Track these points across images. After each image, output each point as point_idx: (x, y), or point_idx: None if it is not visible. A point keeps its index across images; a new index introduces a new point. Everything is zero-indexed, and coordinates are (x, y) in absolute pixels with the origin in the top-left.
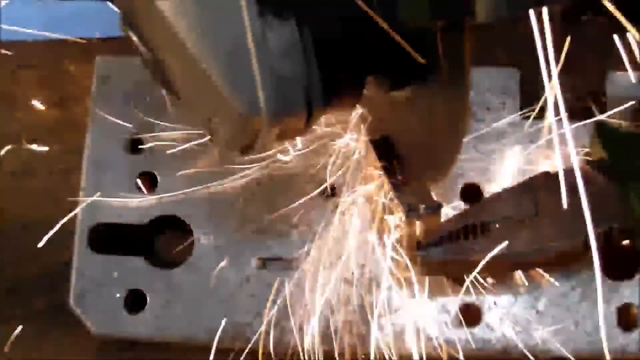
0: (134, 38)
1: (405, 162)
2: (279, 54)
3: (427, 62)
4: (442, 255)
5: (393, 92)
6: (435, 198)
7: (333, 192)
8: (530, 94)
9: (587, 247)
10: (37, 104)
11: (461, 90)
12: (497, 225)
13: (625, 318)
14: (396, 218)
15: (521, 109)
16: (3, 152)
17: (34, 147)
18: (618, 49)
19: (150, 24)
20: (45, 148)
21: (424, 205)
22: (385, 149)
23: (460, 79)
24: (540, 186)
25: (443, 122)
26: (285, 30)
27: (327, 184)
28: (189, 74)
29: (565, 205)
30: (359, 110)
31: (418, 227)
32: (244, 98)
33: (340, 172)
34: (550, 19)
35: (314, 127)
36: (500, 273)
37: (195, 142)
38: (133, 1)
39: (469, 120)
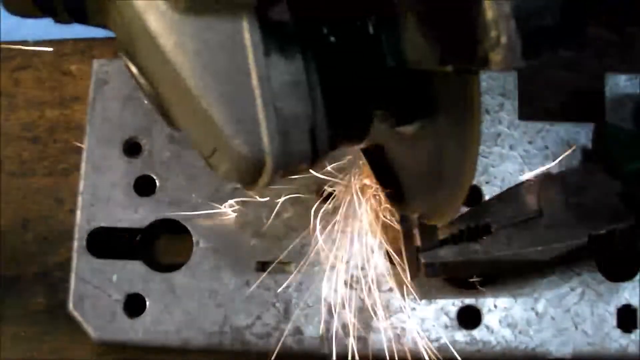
0: (132, 68)
1: (409, 201)
2: (284, 94)
3: (433, 99)
4: (444, 257)
5: (399, 127)
6: None
7: (333, 195)
8: (528, 95)
9: (590, 247)
10: (37, 104)
11: (470, 132)
12: (499, 227)
13: (625, 319)
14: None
15: (520, 111)
16: (3, 152)
17: (34, 147)
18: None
19: (149, 57)
20: (46, 147)
21: (417, 215)
22: (377, 158)
23: (469, 121)
24: (542, 187)
25: (449, 163)
26: (291, 68)
27: (326, 187)
28: (189, 111)
29: (567, 206)
30: None
31: (415, 233)
32: (246, 139)
33: (340, 174)
34: None
35: None
36: (502, 274)
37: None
38: (131, 32)
39: (476, 164)
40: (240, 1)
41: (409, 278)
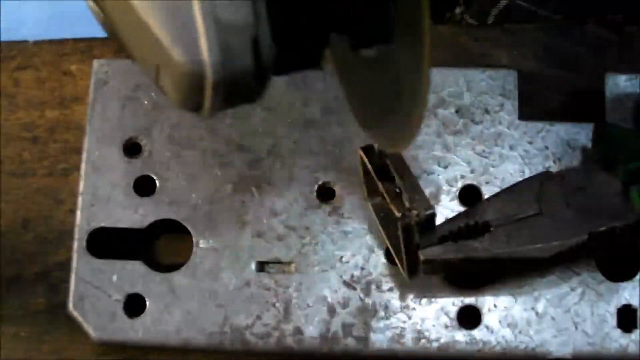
0: None
1: (369, 127)
2: (224, 2)
3: (389, 21)
4: (443, 255)
5: (360, 50)
6: (430, 201)
7: (332, 194)
8: (528, 95)
9: (590, 245)
10: (37, 104)
11: (420, 49)
12: (498, 224)
13: (626, 319)
14: (395, 220)
15: (520, 111)
16: (3, 152)
17: (34, 147)
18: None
19: None
20: (46, 147)
21: (416, 211)
22: (376, 155)
23: (419, 38)
24: (542, 186)
25: (406, 79)
26: None
27: (327, 186)
28: (130, 24)
29: (567, 205)
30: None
31: (414, 230)
32: (184, 48)
33: (339, 174)
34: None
35: None
36: (502, 272)
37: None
38: None
39: (428, 87)
40: None
41: (408, 276)
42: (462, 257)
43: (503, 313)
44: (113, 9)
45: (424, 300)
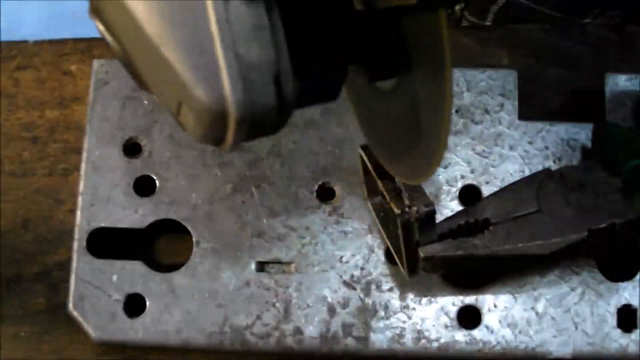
0: (99, 25)
1: (388, 159)
2: (245, 39)
3: (407, 51)
4: (443, 252)
5: (376, 82)
6: (430, 199)
7: (332, 194)
8: (528, 95)
9: (590, 242)
10: (37, 104)
11: (442, 77)
12: (498, 222)
13: (626, 319)
14: (395, 218)
15: (519, 111)
16: (3, 152)
17: (34, 147)
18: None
19: (111, 10)
20: (46, 147)
21: (416, 208)
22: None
23: (440, 66)
24: (541, 183)
25: (425, 114)
26: (252, 12)
27: (327, 186)
28: (152, 63)
29: (567, 202)
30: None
31: (414, 228)
32: (207, 87)
33: (339, 174)
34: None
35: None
36: (502, 270)
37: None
38: None
39: (450, 112)
40: None
41: (407, 275)
42: (461, 254)
43: (503, 313)
44: (132, 44)
45: (424, 300)
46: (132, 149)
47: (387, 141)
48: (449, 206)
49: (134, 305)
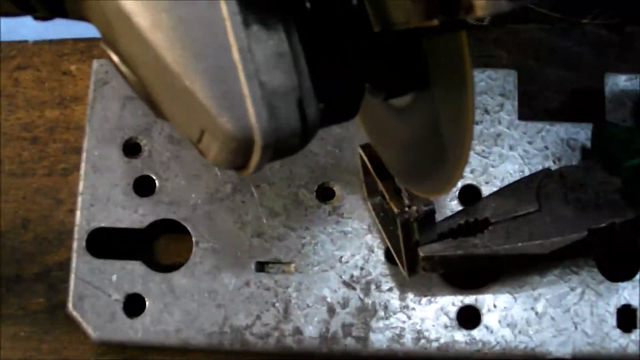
0: (114, 57)
1: (405, 176)
2: (268, 66)
3: (425, 68)
4: (443, 251)
5: (391, 99)
6: (429, 199)
7: (332, 194)
8: (528, 95)
9: (590, 241)
10: (37, 104)
11: (463, 95)
12: (498, 221)
13: (625, 319)
14: (394, 218)
15: (519, 111)
16: (3, 152)
17: (34, 147)
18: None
19: (127, 41)
20: (45, 147)
21: (415, 207)
22: (376, 154)
23: (462, 84)
24: (542, 182)
25: (446, 131)
26: (273, 39)
27: (326, 186)
28: (172, 93)
29: (567, 201)
30: None
31: (414, 227)
32: (232, 116)
33: (339, 174)
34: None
35: None
36: (501, 270)
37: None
38: (108, 17)
39: (473, 128)
40: None
41: (407, 275)
42: (461, 253)
43: (502, 313)
44: (150, 75)
45: (424, 300)
46: (131, 148)
47: (402, 157)
48: (449, 206)
49: (134, 305)
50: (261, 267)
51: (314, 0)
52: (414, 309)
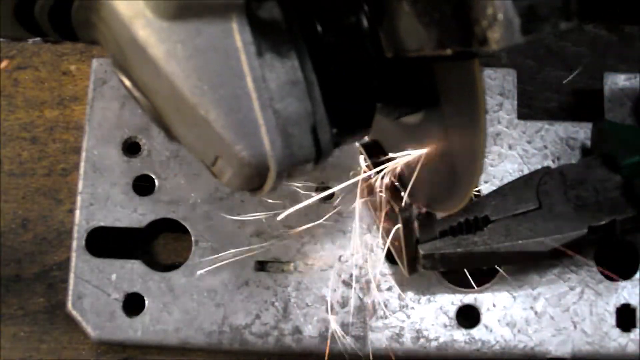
0: (126, 82)
1: (417, 193)
2: (281, 94)
3: (435, 88)
4: (443, 249)
5: (402, 118)
6: None
7: (331, 194)
8: (528, 94)
9: (590, 239)
10: (37, 104)
11: (477, 118)
12: (498, 219)
13: (624, 318)
14: (394, 218)
15: (519, 110)
16: (2, 152)
17: (33, 147)
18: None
19: (141, 69)
20: (45, 147)
21: (423, 208)
22: (376, 151)
23: (475, 107)
24: (541, 180)
25: (459, 150)
26: (286, 68)
27: (326, 186)
28: (187, 120)
29: (567, 199)
30: None
31: (415, 226)
32: (247, 144)
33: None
34: None
35: None
36: (501, 267)
37: None
38: (121, 45)
39: (485, 149)
40: (227, 2)
41: (407, 273)
42: (461, 251)
43: (502, 312)
44: (164, 102)
45: (423, 300)
46: (131, 148)
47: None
48: None
49: (133, 304)
50: (260, 266)
51: (325, 24)
52: (413, 308)
